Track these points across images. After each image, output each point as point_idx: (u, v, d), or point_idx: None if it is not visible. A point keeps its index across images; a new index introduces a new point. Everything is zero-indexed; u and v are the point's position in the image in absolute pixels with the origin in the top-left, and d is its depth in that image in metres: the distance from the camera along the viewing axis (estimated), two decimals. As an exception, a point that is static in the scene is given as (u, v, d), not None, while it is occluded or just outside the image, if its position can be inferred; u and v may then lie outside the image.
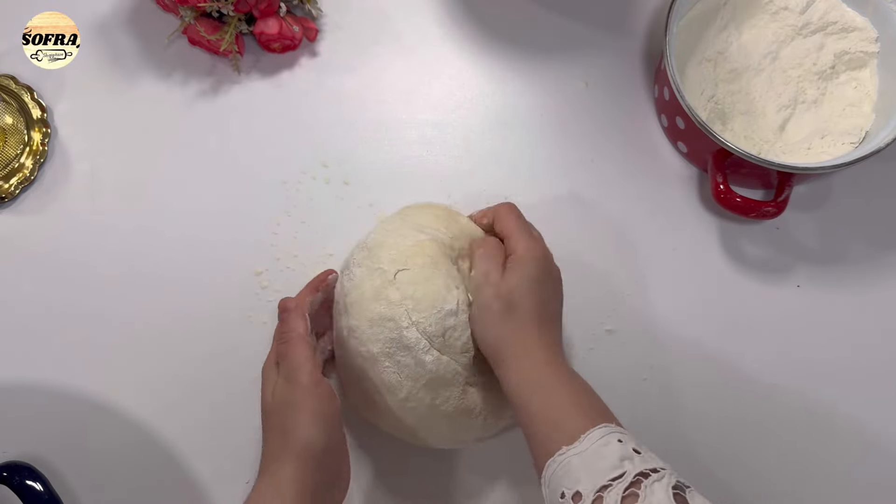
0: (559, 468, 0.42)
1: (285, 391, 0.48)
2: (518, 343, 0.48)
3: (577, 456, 0.41)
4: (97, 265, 0.61)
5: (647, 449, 0.43)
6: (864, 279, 0.62)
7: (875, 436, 0.59)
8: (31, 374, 0.59)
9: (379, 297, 0.50)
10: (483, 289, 0.50)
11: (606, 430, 0.43)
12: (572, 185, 0.64)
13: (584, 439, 0.42)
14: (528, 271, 0.50)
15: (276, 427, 0.47)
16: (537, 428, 0.45)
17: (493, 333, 0.49)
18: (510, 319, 0.49)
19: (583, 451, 0.42)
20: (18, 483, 0.54)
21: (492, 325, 0.49)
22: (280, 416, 0.47)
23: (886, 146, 0.56)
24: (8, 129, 0.63)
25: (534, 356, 0.48)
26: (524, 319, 0.49)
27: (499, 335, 0.49)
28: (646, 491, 0.39)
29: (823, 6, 0.63)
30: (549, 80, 0.66)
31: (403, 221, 0.55)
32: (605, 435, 0.42)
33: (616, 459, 0.40)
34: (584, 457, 0.41)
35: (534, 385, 0.47)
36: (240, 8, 0.62)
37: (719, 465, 0.58)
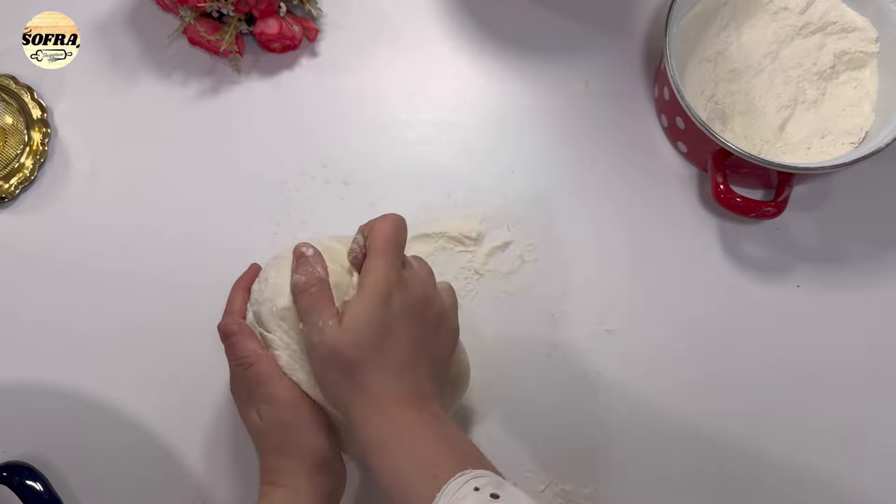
0: None
1: (274, 413, 0.46)
2: (363, 409, 0.43)
3: None
4: (97, 265, 0.61)
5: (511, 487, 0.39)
6: (864, 279, 0.62)
7: (875, 436, 0.59)
8: (31, 374, 0.59)
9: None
10: (312, 338, 0.44)
11: (463, 479, 0.38)
12: (572, 185, 0.64)
13: (440, 499, 0.37)
14: (368, 326, 0.43)
15: (278, 447, 0.47)
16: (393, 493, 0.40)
17: (332, 390, 0.45)
18: (351, 379, 0.43)
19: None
20: (18, 483, 0.54)
21: (328, 383, 0.44)
22: (279, 436, 0.46)
23: (886, 146, 0.56)
24: (8, 129, 0.64)
25: (380, 417, 0.42)
26: (368, 375, 0.43)
27: (339, 394, 0.44)
28: None
29: (823, 6, 0.63)
30: (549, 80, 0.66)
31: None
32: (461, 486, 0.38)
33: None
34: None
35: (380, 444, 0.42)
36: (240, 8, 0.62)
37: (719, 464, 0.58)
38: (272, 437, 0.47)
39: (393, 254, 0.45)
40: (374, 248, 0.45)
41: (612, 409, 0.59)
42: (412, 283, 0.46)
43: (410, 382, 0.44)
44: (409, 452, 0.41)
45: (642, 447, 0.59)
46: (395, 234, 0.46)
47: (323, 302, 0.44)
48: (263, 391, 0.46)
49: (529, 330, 0.60)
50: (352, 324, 0.43)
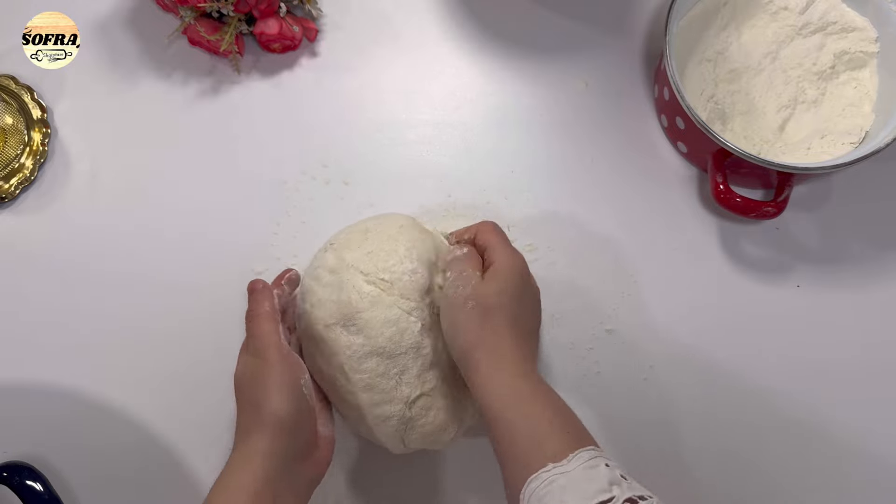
0: (542, 486, 0.40)
1: (254, 366, 0.48)
2: (492, 349, 0.46)
3: (564, 476, 0.39)
4: (97, 265, 0.61)
5: (632, 478, 0.41)
6: (864, 279, 0.62)
7: (875, 436, 0.59)
8: (31, 374, 0.59)
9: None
10: (458, 289, 0.49)
11: (594, 453, 0.41)
12: (572, 185, 0.64)
13: (572, 459, 0.40)
14: (507, 282, 0.49)
15: (246, 401, 0.48)
16: (514, 442, 0.43)
17: (465, 336, 0.47)
18: (486, 323, 0.47)
19: (570, 471, 0.40)
20: (18, 483, 0.54)
21: (465, 326, 0.48)
22: (249, 389, 0.48)
23: (886, 146, 0.56)
24: (8, 129, 0.63)
25: (509, 366, 0.46)
26: (500, 326, 0.47)
27: (472, 338, 0.47)
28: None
29: (823, 6, 0.63)
30: (549, 80, 0.66)
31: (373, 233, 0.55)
32: (593, 457, 0.41)
33: (605, 483, 0.39)
34: (571, 477, 0.39)
35: (509, 397, 0.44)
36: (240, 8, 0.62)
37: (719, 464, 0.58)
38: (246, 389, 0.48)
39: (509, 244, 0.52)
40: (496, 241, 0.51)
41: (611, 408, 0.59)
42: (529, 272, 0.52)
43: (532, 347, 0.49)
44: (541, 411, 0.44)
45: (642, 447, 0.59)
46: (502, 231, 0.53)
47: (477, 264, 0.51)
48: (254, 344, 0.49)
49: (529, 330, 0.60)
50: (496, 280, 0.49)
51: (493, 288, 0.48)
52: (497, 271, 0.49)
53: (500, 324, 0.47)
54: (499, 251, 0.51)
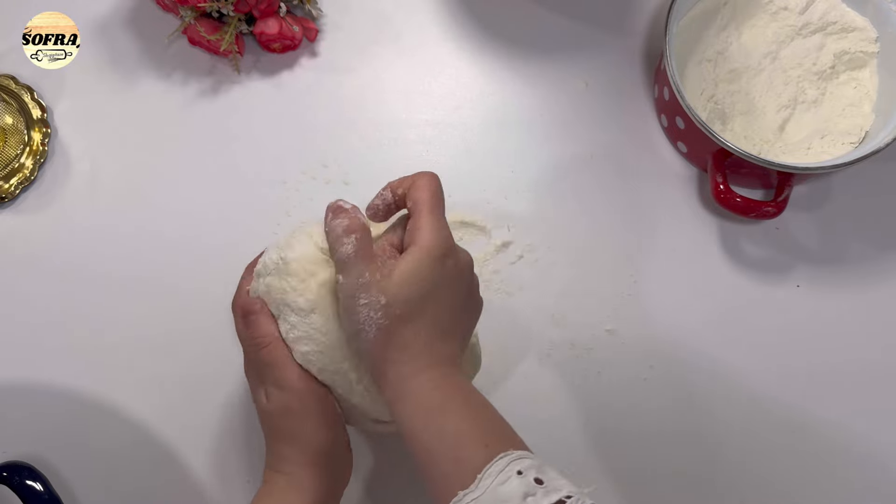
0: None
1: (281, 398, 0.45)
2: (402, 369, 0.41)
3: (475, 502, 0.36)
4: (97, 265, 0.61)
5: (553, 470, 0.38)
6: (864, 279, 0.62)
7: (874, 436, 0.59)
8: (31, 374, 0.59)
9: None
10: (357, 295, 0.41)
11: (505, 462, 0.37)
12: (572, 185, 0.64)
13: (482, 479, 0.37)
14: (419, 280, 0.41)
15: (282, 433, 0.46)
16: (427, 468, 0.39)
17: (370, 356, 0.42)
18: (392, 340, 0.41)
19: (479, 496, 0.36)
20: (18, 483, 0.54)
21: (371, 344, 0.42)
22: (284, 421, 0.46)
23: (886, 146, 0.56)
24: (8, 129, 0.64)
25: (423, 377, 0.41)
26: (408, 336, 0.41)
27: (378, 359, 0.42)
28: None
29: (823, 6, 0.63)
30: (549, 80, 0.66)
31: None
32: (503, 469, 0.37)
33: (518, 500, 0.36)
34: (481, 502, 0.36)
35: (419, 416, 0.40)
36: (240, 8, 0.62)
37: (719, 464, 0.58)
38: (278, 422, 0.46)
39: (443, 211, 0.44)
40: (424, 204, 0.43)
41: (611, 408, 0.59)
42: (461, 247, 0.45)
43: (451, 347, 0.43)
44: (459, 418, 0.40)
45: (642, 446, 0.59)
46: (440, 191, 0.45)
47: (369, 250, 0.42)
48: (273, 375, 0.45)
49: (529, 330, 0.60)
50: (405, 277, 0.41)
51: (402, 292, 0.41)
52: (408, 266, 0.41)
53: (414, 331, 0.41)
54: (420, 225, 0.43)
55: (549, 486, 0.36)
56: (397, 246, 0.45)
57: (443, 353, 0.42)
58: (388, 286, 0.41)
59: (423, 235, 0.42)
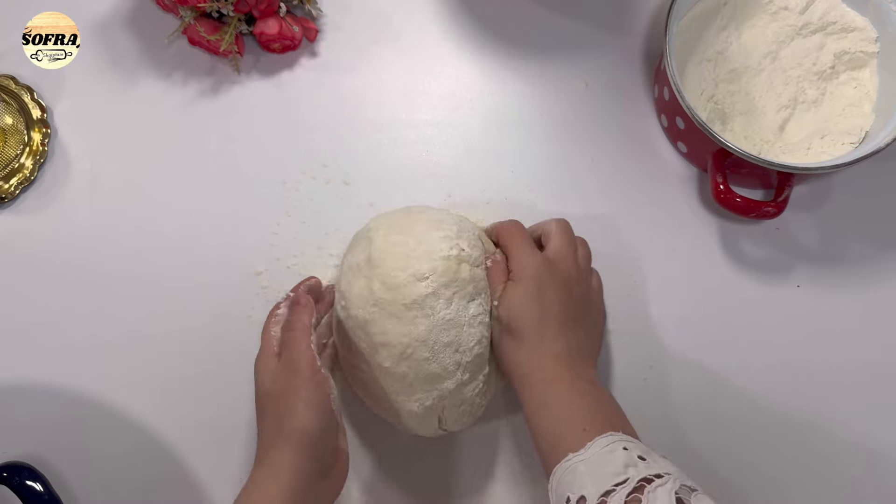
0: (565, 474, 0.43)
1: (284, 378, 0.48)
2: (521, 365, 0.51)
3: (583, 462, 0.43)
4: (97, 265, 0.61)
5: (658, 456, 0.44)
6: (864, 279, 0.62)
7: (874, 436, 0.59)
8: (31, 374, 0.59)
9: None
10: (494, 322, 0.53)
11: (613, 438, 0.44)
12: (572, 185, 0.64)
13: (591, 446, 0.43)
14: (521, 291, 0.51)
15: (271, 413, 0.48)
16: (545, 439, 0.47)
17: (500, 357, 0.53)
18: (510, 342, 0.51)
19: (588, 457, 0.43)
20: (18, 483, 0.54)
21: (497, 348, 0.52)
22: (276, 402, 0.47)
23: (886, 146, 0.56)
24: (8, 130, 0.64)
25: (538, 374, 0.50)
26: (523, 341, 0.51)
27: (504, 359, 0.52)
28: (649, 496, 0.40)
29: (823, 6, 0.63)
30: (549, 80, 0.66)
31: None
32: (611, 443, 0.43)
33: (620, 466, 0.42)
34: (589, 463, 0.42)
35: (540, 402, 0.49)
36: (240, 8, 0.62)
37: (719, 464, 0.58)
38: (273, 401, 0.48)
39: (528, 244, 0.53)
40: (517, 243, 0.54)
41: (612, 409, 0.59)
42: (559, 264, 0.53)
43: (564, 348, 0.50)
44: (565, 409, 0.47)
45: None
46: (523, 231, 0.55)
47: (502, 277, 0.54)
48: (289, 356, 0.48)
49: (529, 330, 0.60)
50: (510, 302, 0.51)
51: (507, 305, 0.51)
52: (510, 286, 0.52)
53: (521, 339, 0.51)
54: (511, 260, 0.53)
55: (651, 463, 0.42)
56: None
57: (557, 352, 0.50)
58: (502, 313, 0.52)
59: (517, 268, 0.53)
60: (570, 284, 0.53)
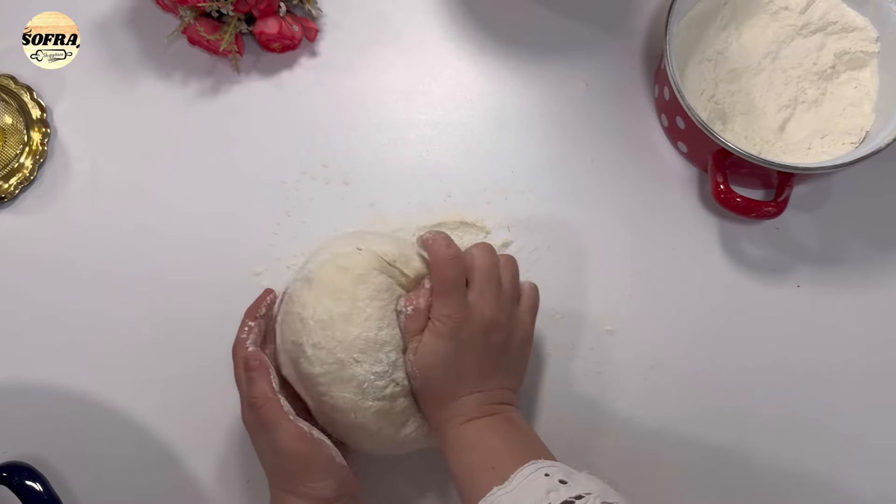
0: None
1: (279, 460, 0.47)
2: (438, 413, 0.50)
3: (507, 495, 0.42)
4: (97, 265, 0.61)
5: (582, 476, 0.43)
6: (864, 279, 0.62)
7: (874, 436, 0.59)
8: (31, 374, 0.59)
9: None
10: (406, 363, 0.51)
11: (535, 466, 0.44)
12: (572, 185, 0.64)
13: (513, 478, 0.43)
14: (435, 349, 0.49)
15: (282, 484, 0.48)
16: (466, 480, 0.46)
17: (425, 412, 0.51)
18: (427, 398, 0.50)
19: (511, 489, 0.43)
20: (18, 483, 0.54)
21: (423, 406, 0.51)
22: (285, 477, 0.47)
23: (886, 146, 0.56)
24: (8, 129, 0.64)
25: (455, 421, 0.49)
26: (438, 396, 0.50)
27: (422, 407, 0.51)
28: None
29: (823, 6, 0.63)
30: (549, 80, 0.66)
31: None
32: (533, 472, 0.43)
33: (542, 493, 0.41)
34: (513, 495, 0.42)
35: (459, 446, 0.48)
36: (239, 8, 0.62)
37: (718, 464, 0.58)
38: (279, 475, 0.48)
39: (455, 291, 0.49)
40: (436, 287, 0.50)
41: (611, 408, 0.59)
42: (477, 313, 0.50)
43: (482, 396, 0.50)
44: (485, 450, 0.47)
45: (642, 447, 0.59)
46: (456, 274, 0.50)
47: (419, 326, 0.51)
48: (269, 436, 0.47)
49: (529, 330, 0.60)
50: (424, 362, 0.49)
51: (422, 366, 0.49)
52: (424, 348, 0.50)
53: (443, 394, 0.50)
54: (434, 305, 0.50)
55: (572, 486, 0.42)
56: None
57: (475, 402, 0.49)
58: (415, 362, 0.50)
59: (434, 316, 0.50)
60: (489, 331, 0.50)
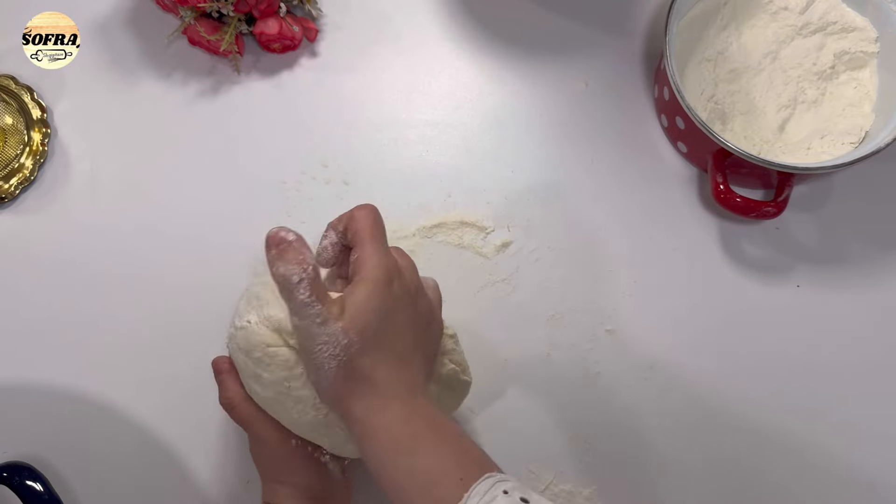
0: None
1: (265, 451, 0.48)
2: (367, 403, 0.40)
3: None
4: (97, 265, 0.61)
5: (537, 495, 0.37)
6: (864, 279, 0.62)
7: (875, 436, 0.59)
8: (31, 374, 0.59)
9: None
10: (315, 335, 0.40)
11: (491, 482, 0.37)
12: (572, 185, 0.64)
13: (469, 498, 0.36)
14: (371, 294, 0.41)
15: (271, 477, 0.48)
16: (409, 492, 0.38)
17: (333, 393, 0.41)
18: (353, 374, 0.40)
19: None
20: (18, 483, 0.54)
21: (329, 382, 0.41)
22: (273, 469, 0.48)
23: (886, 146, 0.56)
24: (8, 130, 0.64)
25: (389, 412, 0.40)
26: (371, 370, 0.40)
27: (341, 395, 0.41)
28: None
29: (823, 6, 0.63)
30: (548, 80, 0.66)
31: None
32: (489, 488, 0.37)
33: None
34: None
35: (395, 448, 0.40)
36: (240, 8, 0.62)
37: (719, 464, 0.58)
38: (268, 468, 0.48)
39: (384, 239, 0.43)
40: (364, 235, 0.43)
41: (611, 409, 0.59)
42: (405, 270, 0.44)
43: (411, 376, 0.42)
44: (431, 453, 0.39)
45: (642, 447, 0.59)
46: (379, 220, 0.44)
47: (322, 289, 0.41)
48: (250, 432, 0.48)
49: (529, 330, 0.60)
50: (355, 311, 0.40)
51: (356, 326, 0.40)
52: (357, 300, 0.41)
53: (371, 364, 0.40)
54: (363, 253, 0.42)
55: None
56: (345, 279, 0.45)
57: (405, 381, 0.42)
58: (343, 321, 0.40)
59: (366, 265, 0.42)
60: (417, 294, 0.44)
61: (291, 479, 0.47)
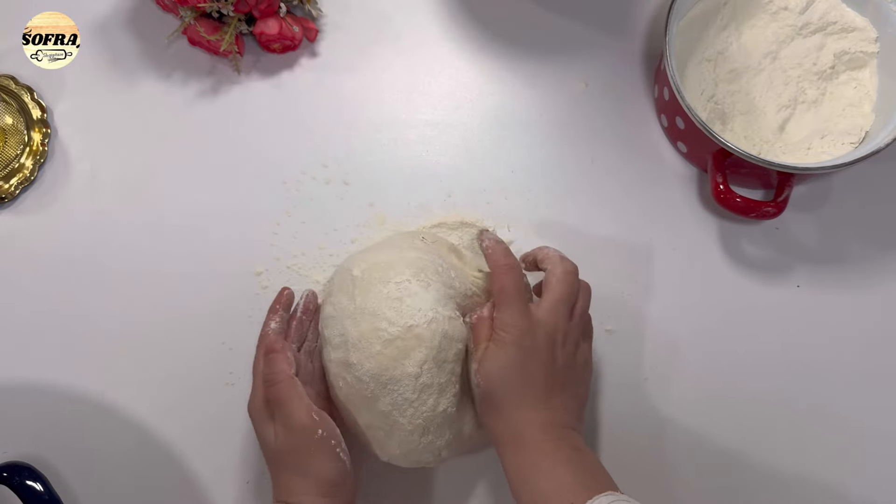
0: None
1: (289, 437, 0.48)
2: (499, 430, 0.48)
3: None
4: (97, 265, 0.61)
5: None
6: (864, 279, 0.62)
7: (874, 435, 0.59)
8: (31, 374, 0.59)
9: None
10: (471, 373, 0.50)
11: (611, 498, 0.42)
12: (572, 185, 0.64)
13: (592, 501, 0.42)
14: (502, 359, 0.48)
15: (289, 469, 0.48)
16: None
17: (482, 420, 0.50)
18: (489, 407, 0.49)
19: None
20: (18, 483, 0.54)
21: (479, 412, 0.50)
22: (292, 458, 0.48)
23: (886, 146, 0.56)
24: (8, 130, 0.64)
25: (519, 441, 0.47)
26: (502, 409, 0.48)
27: (485, 423, 0.50)
28: None
29: (823, 6, 0.63)
30: (548, 80, 0.66)
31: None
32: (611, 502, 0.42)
33: None
34: None
35: (522, 469, 0.46)
36: (240, 8, 0.62)
37: (719, 463, 0.58)
38: (286, 457, 0.48)
39: (517, 301, 0.49)
40: (497, 298, 0.49)
41: (611, 409, 0.59)
42: (547, 325, 0.49)
43: (546, 416, 0.48)
44: (548, 480, 0.45)
45: (642, 447, 0.59)
46: (516, 283, 0.50)
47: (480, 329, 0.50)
48: (282, 412, 0.48)
49: (529, 330, 0.60)
50: (489, 370, 0.48)
51: (488, 369, 0.48)
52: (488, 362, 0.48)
53: (507, 410, 0.48)
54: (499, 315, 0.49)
55: None
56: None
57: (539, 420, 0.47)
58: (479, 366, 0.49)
59: (498, 328, 0.49)
60: (555, 349, 0.49)
61: (313, 469, 0.47)
